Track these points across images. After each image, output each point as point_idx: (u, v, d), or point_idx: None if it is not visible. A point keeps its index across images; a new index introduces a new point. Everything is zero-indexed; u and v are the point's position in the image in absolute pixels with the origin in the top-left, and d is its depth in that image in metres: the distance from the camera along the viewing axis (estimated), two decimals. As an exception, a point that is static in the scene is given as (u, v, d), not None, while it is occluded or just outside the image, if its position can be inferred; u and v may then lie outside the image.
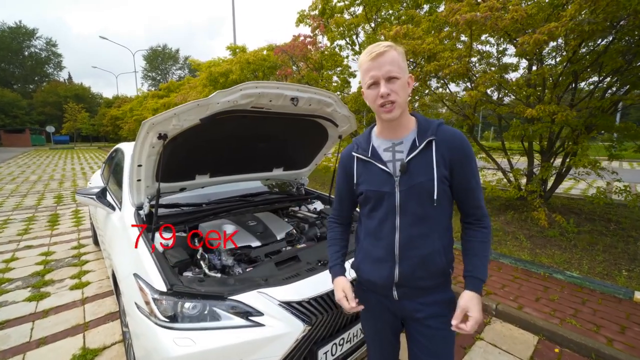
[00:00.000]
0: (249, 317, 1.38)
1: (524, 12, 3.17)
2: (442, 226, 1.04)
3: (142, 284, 1.45)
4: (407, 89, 1.00)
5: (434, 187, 0.99)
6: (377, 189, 1.05)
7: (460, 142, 1.02)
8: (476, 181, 1.04)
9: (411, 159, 1.01)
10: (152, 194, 2.01)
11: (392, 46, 0.97)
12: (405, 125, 1.05)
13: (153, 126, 1.52)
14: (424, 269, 1.03)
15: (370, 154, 1.08)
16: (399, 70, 0.95)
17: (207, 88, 9.69)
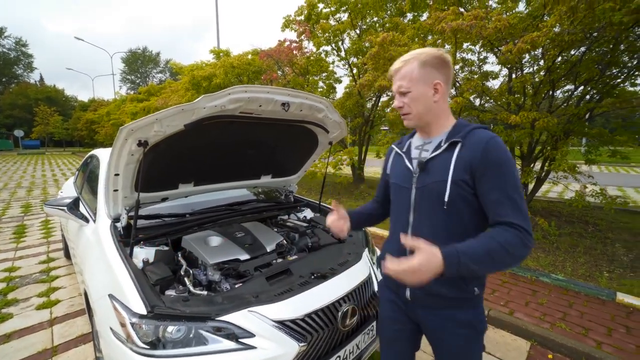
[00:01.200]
0: (238, 339, 1.27)
1: (506, 22, 3.25)
2: (458, 234, 0.95)
3: (118, 306, 1.31)
4: (426, 99, 1.00)
5: (444, 189, 0.96)
6: (399, 183, 1.11)
7: (484, 148, 0.91)
8: (504, 194, 0.89)
9: (431, 158, 1.02)
10: (131, 205, 1.86)
11: (410, 59, 1.00)
12: (436, 128, 1.05)
13: (132, 132, 1.39)
14: None
15: (405, 149, 1.13)
16: (409, 84, 1.00)
17: (190, 92, 9.44)
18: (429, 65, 0.98)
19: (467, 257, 0.84)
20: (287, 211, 2.68)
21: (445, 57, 1.00)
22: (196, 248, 1.80)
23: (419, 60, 0.98)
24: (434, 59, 0.99)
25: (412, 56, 1.00)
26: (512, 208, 0.88)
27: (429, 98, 1.00)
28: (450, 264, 0.83)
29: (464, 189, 0.95)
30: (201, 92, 9.44)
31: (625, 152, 4.27)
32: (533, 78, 3.93)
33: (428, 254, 0.83)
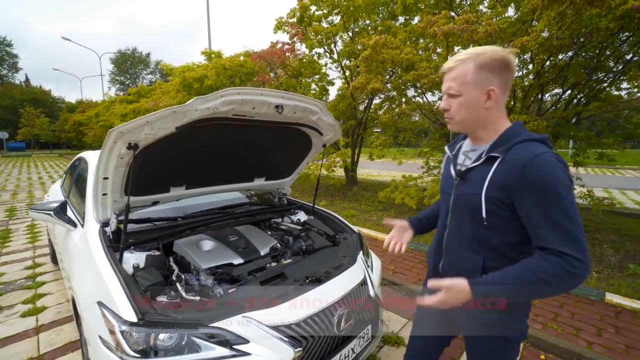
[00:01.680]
0: (232, 345, 1.25)
1: (496, 26, 3.31)
2: (488, 245, 0.96)
3: (107, 314, 1.27)
4: (475, 105, 0.93)
5: (479, 203, 0.93)
6: (443, 187, 1.15)
7: (523, 167, 0.84)
8: (542, 218, 0.83)
9: (469, 168, 1.01)
10: (120, 209, 1.82)
11: (466, 59, 0.92)
12: (482, 137, 1.00)
13: (122, 135, 1.36)
14: (456, 273, 0.98)
15: (454, 153, 1.13)
16: (461, 88, 0.93)
17: (181, 94, 9.33)
18: (486, 69, 0.90)
19: (497, 291, 0.87)
20: (280, 214, 2.66)
21: (507, 60, 0.91)
22: (188, 252, 1.76)
23: (476, 62, 0.90)
24: (493, 62, 0.90)
25: (469, 56, 0.92)
26: (557, 233, 0.82)
27: (480, 104, 0.93)
28: (477, 296, 0.89)
29: (498, 206, 0.90)
30: (192, 94, 9.35)
31: (611, 155, 4.38)
32: (522, 82, 4.01)
33: (454, 293, 0.90)
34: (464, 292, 0.89)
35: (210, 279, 1.64)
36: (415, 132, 6.37)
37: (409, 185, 5.55)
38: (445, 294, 0.91)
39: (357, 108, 7.76)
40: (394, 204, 5.68)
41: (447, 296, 0.90)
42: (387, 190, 5.58)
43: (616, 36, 3.23)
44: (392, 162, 11.39)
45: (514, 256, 0.93)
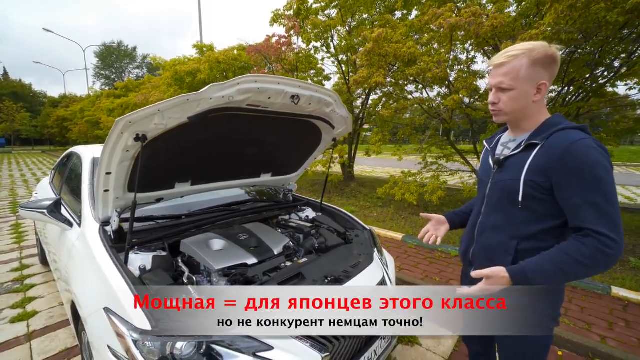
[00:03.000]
0: (256, 353, 1.15)
1: (502, 20, 3.27)
2: (521, 229, 1.01)
3: (117, 321, 1.16)
4: (526, 98, 0.97)
5: (518, 188, 0.98)
6: (481, 176, 1.20)
7: (565, 150, 0.89)
8: (583, 197, 0.87)
9: (508, 157, 1.06)
10: (123, 207, 1.69)
11: (518, 56, 0.95)
12: (524, 127, 1.05)
13: (130, 125, 1.24)
14: (486, 258, 1.09)
15: (492, 145, 1.18)
16: (514, 82, 0.96)
17: (172, 88, 9.05)
18: (539, 65, 0.94)
19: (535, 275, 0.91)
20: (287, 211, 2.57)
21: (556, 55, 0.95)
22: (198, 252, 1.65)
23: (530, 58, 0.93)
24: (545, 58, 0.93)
25: (522, 51, 0.94)
26: (594, 213, 0.86)
27: (529, 98, 0.97)
28: (518, 283, 0.93)
29: (536, 189, 0.95)
30: (184, 88, 9.09)
31: (610, 150, 4.43)
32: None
33: (494, 280, 0.95)
34: (504, 278, 0.94)
35: (223, 281, 1.54)
36: (413, 127, 6.35)
37: (408, 181, 5.53)
38: (485, 282, 0.96)
39: (354, 104, 7.68)
40: (393, 200, 5.65)
41: (487, 283, 0.96)
42: (387, 186, 5.54)
43: (619, 32, 3.23)
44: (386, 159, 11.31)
45: (547, 241, 0.97)
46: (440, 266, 3.33)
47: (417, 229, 4.62)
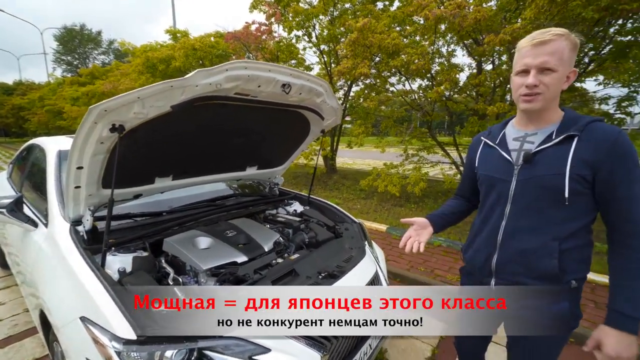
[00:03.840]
0: (252, 356, 1.09)
1: (485, 13, 3.31)
2: (562, 227, 0.94)
3: (96, 331, 1.06)
4: (561, 85, 0.93)
5: (563, 184, 0.91)
6: (491, 175, 1.07)
7: (614, 142, 0.87)
8: (630, 191, 0.87)
9: (540, 150, 0.96)
10: (96, 204, 1.55)
11: (562, 35, 0.89)
12: (546, 118, 0.98)
13: (105, 114, 1.10)
14: (521, 264, 0.99)
15: (498, 141, 1.08)
16: (559, 63, 0.89)
17: (144, 75, 8.52)
18: (574, 50, 0.91)
19: (625, 307, 0.87)
20: (274, 205, 2.49)
21: (579, 44, 0.93)
22: (183, 252, 1.54)
23: (571, 41, 0.89)
24: (576, 45, 0.91)
25: (564, 33, 0.89)
26: (635, 204, 0.87)
27: (561, 85, 0.93)
28: (625, 323, 0.87)
29: (582, 184, 0.90)
30: (157, 76, 8.59)
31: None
32: (506, 71, 4.10)
33: (608, 337, 0.89)
34: (615, 332, 0.88)
35: (212, 281, 1.45)
36: (394, 119, 6.40)
37: (390, 173, 5.58)
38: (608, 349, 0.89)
39: (336, 95, 7.61)
40: (376, 192, 5.70)
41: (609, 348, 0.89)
42: (370, 178, 5.57)
43: (593, 28, 3.37)
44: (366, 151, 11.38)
45: (585, 238, 0.95)
46: (424, 256, 3.40)
47: (399, 220, 4.69)
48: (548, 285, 0.97)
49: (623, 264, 0.89)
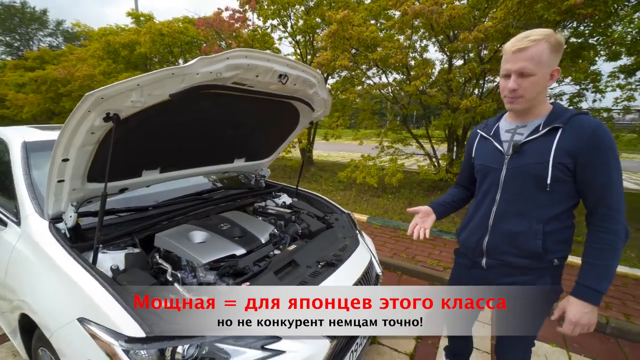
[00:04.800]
0: (264, 346, 1.11)
1: (459, 11, 3.46)
2: (546, 211, 1.03)
3: (99, 332, 1.01)
4: (543, 84, 0.99)
5: (546, 172, 1.00)
6: (485, 164, 1.16)
7: (592, 133, 0.95)
8: (606, 177, 0.95)
9: (528, 141, 1.05)
10: (80, 199, 1.44)
11: (541, 40, 0.94)
12: (535, 112, 1.06)
13: (101, 102, 1.03)
14: (511, 245, 1.08)
15: (492, 133, 1.16)
16: (537, 67, 0.96)
17: (105, 61, 7.86)
18: (555, 50, 0.96)
19: (592, 282, 0.98)
20: (262, 197, 2.47)
21: (563, 42, 1.00)
22: (179, 246, 1.50)
23: (550, 44, 0.94)
24: (558, 44, 0.96)
25: (542, 36, 0.94)
26: (615, 193, 0.96)
27: (545, 84, 1.00)
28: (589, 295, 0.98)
29: (563, 172, 0.98)
30: (120, 62, 8.00)
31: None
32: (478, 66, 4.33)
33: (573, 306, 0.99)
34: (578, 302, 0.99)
35: (211, 275, 1.43)
36: (370, 112, 6.53)
37: (368, 165, 5.72)
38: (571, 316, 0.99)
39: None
40: (354, 184, 5.82)
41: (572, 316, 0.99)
42: (348, 170, 5.67)
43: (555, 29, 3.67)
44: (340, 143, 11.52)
45: (567, 221, 1.05)
46: (404, 244, 3.57)
47: (379, 210, 4.85)
48: (531, 261, 1.07)
49: (595, 244, 0.99)
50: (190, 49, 7.89)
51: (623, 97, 5.01)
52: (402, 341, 2.09)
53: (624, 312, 2.28)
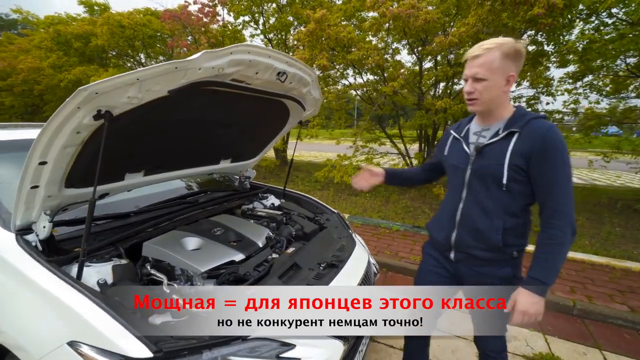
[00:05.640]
0: (279, 355, 1.06)
1: (434, 15, 3.61)
2: (505, 209, 1.11)
3: (96, 355, 0.90)
4: (498, 88, 1.06)
5: (502, 172, 1.08)
6: (454, 163, 1.24)
7: (542, 136, 1.02)
8: (553, 176, 1.02)
9: (488, 144, 1.13)
10: (54, 207, 1.28)
11: (492, 48, 1.03)
12: (497, 115, 1.14)
13: (94, 98, 0.91)
14: (477, 240, 1.15)
15: (463, 134, 1.23)
16: (488, 73, 1.04)
17: (55, 53, 7.09)
18: (508, 58, 1.03)
19: (540, 275, 1.03)
20: (249, 199, 2.38)
21: (522, 50, 1.06)
22: (172, 255, 1.38)
23: (501, 51, 1.02)
24: (513, 51, 1.03)
25: (495, 45, 1.03)
26: (562, 192, 1.02)
27: (500, 88, 1.07)
28: (536, 287, 1.03)
29: (518, 172, 1.07)
30: (72, 55, 7.28)
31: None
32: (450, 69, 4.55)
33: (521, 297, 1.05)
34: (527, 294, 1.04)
35: (210, 283, 1.34)
36: (345, 112, 6.60)
37: (344, 164, 5.78)
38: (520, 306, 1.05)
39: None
40: (331, 183, 5.84)
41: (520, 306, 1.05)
42: (325, 169, 5.68)
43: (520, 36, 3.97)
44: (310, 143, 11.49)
45: (524, 217, 1.13)
46: (386, 241, 3.65)
47: (359, 209, 4.93)
48: (494, 253, 1.14)
49: (544, 239, 1.04)
50: (154, 43, 7.41)
51: (570, 101, 5.61)
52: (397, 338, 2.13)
53: (586, 295, 2.54)
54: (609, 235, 3.88)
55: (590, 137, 5.45)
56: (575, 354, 2.02)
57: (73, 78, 6.95)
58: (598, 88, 5.40)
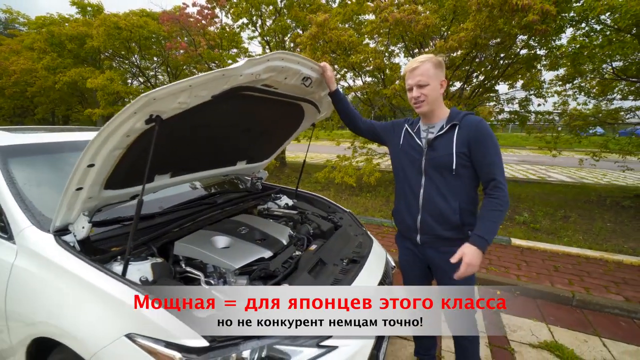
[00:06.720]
0: (319, 343, 1.13)
1: (433, 20, 3.74)
2: (459, 192, 1.34)
3: (157, 347, 0.95)
4: (436, 91, 1.33)
5: (452, 160, 1.30)
6: (411, 153, 1.43)
7: (476, 126, 1.28)
8: (491, 157, 1.26)
9: (437, 137, 1.37)
10: (92, 208, 1.33)
11: (426, 61, 1.31)
12: (438, 115, 1.39)
13: (151, 103, 0.97)
14: (439, 222, 1.37)
15: (415, 131, 1.45)
16: (428, 79, 1.31)
17: (49, 55, 6.97)
18: (438, 67, 1.33)
19: (484, 233, 1.24)
20: (264, 200, 2.44)
21: (442, 62, 1.37)
22: (205, 253, 1.44)
23: (432, 62, 1.31)
24: (439, 63, 1.34)
25: (426, 59, 1.32)
26: (499, 168, 1.27)
27: (438, 90, 1.34)
28: (479, 243, 1.23)
29: (463, 159, 1.30)
30: (66, 56, 7.18)
31: (496, 135, 5.73)
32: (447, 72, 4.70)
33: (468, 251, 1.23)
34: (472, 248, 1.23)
35: (243, 280, 1.40)
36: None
37: (344, 165, 5.87)
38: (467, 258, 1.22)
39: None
40: (332, 184, 5.93)
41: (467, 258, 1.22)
42: (326, 170, 5.76)
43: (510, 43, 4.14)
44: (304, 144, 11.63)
45: (473, 197, 1.37)
46: (390, 239, 3.75)
47: (360, 208, 5.02)
48: (454, 232, 1.35)
49: (487, 204, 1.28)
50: (151, 44, 7.37)
51: (559, 102, 5.84)
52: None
53: (583, 287, 2.68)
54: (601, 231, 4.07)
55: (580, 137, 5.68)
56: (577, 342, 2.14)
57: (68, 80, 6.86)
58: (586, 90, 5.64)
